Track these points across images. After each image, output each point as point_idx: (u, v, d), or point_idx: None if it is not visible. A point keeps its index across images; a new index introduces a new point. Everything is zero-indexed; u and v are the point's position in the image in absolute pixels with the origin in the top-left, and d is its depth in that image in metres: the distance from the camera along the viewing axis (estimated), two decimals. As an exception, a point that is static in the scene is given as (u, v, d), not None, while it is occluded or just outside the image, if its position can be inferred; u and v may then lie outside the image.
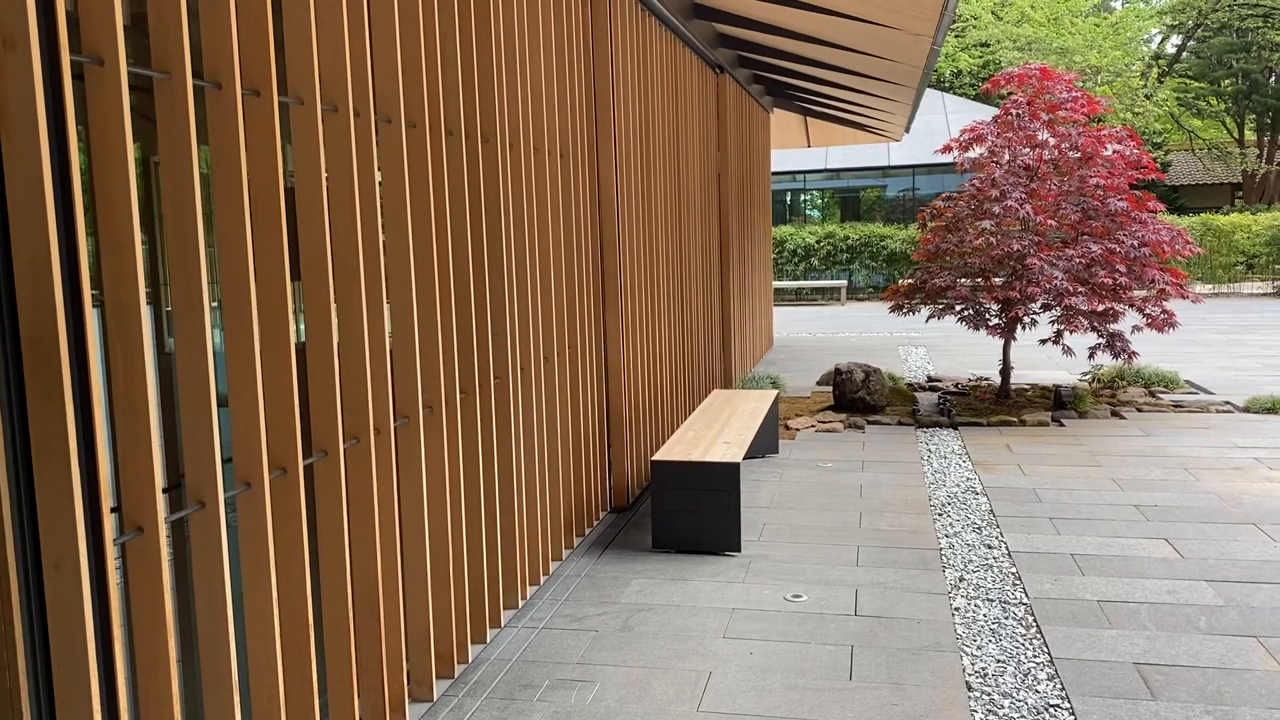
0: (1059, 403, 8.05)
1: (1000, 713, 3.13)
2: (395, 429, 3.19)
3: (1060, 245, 7.77)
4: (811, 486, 5.91)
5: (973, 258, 8.02)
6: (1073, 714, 3.10)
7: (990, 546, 4.74)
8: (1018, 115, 8.20)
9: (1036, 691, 3.26)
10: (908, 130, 12.96)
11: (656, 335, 6.20)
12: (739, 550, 4.71)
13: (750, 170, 10.39)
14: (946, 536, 4.90)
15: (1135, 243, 7.52)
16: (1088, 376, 9.44)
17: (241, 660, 2.48)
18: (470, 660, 3.61)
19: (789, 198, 25.06)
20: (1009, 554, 4.62)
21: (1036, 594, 4.11)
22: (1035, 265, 7.47)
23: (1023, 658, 3.52)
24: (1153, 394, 8.63)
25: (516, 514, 4.05)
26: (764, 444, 6.69)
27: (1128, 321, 8.01)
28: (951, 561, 4.54)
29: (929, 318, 8.29)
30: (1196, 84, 29.21)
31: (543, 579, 4.39)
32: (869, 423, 7.79)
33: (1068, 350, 7.94)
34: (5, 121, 1.77)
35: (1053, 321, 7.88)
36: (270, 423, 2.52)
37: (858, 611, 3.96)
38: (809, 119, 13.66)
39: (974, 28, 27.98)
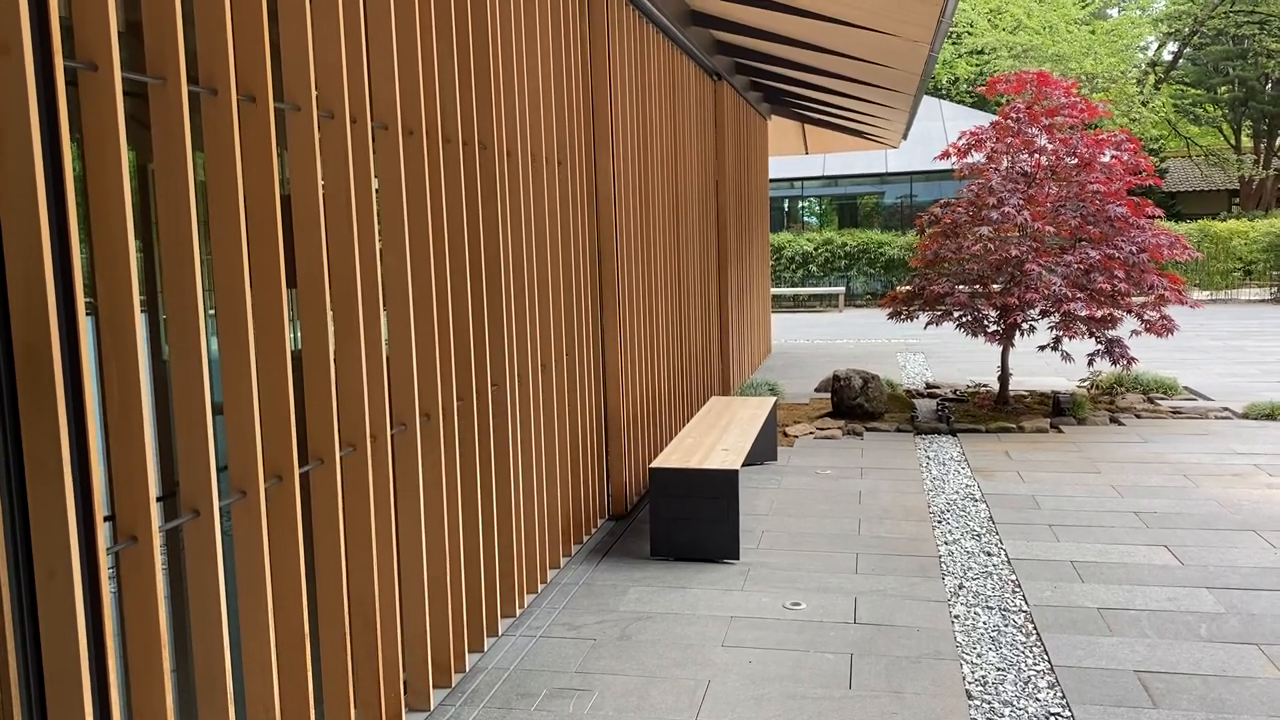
0: (1058, 409, 8.04)
1: (1001, 721, 3.11)
2: (392, 436, 3.17)
3: (1058, 251, 7.77)
4: (810, 493, 5.90)
5: (971, 264, 8.01)
6: (1074, 722, 3.09)
7: (990, 554, 4.73)
8: (1016, 120, 8.21)
9: (1037, 700, 3.24)
10: (905, 137, 12.98)
11: (654, 342, 6.19)
12: (737, 558, 4.69)
13: (748, 177, 10.39)
14: (946, 544, 4.89)
15: (1134, 248, 7.52)
16: (1086, 383, 9.43)
17: (236, 670, 2.46)
18: (467, 669, 3.58)
19: (787, 204, 25.07)
20: (1008, 561, 4.61)
21: (1036, 601, 4.10)
22: (1034, 271, 7.47)
23: (1023, 666, 3.50)
24: (1151, 400, 8.62)
25: (514, 522, 4.03)
26: (762, 451, 6.67)
27: (1126, 327, 8.00)
28: (951, 569, 4.52)
29: (927, 324, 8.29)
30: (1193, 91, 29.26)
31: (540, 587, 4.37)
32: (867, 429, 7.78)
33: (1066, 356, 7.93)
34: (-2, 127, 1.75)
35: (1051, 328, 7.87)
36: (266, 430, 2.50)
37: (857, 619, 3.95)
38: (807, 126, 13.68)
39: (970, 34, 28.04)
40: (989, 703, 3.23)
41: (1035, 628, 3.83)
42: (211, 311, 2.79)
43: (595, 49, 5.11)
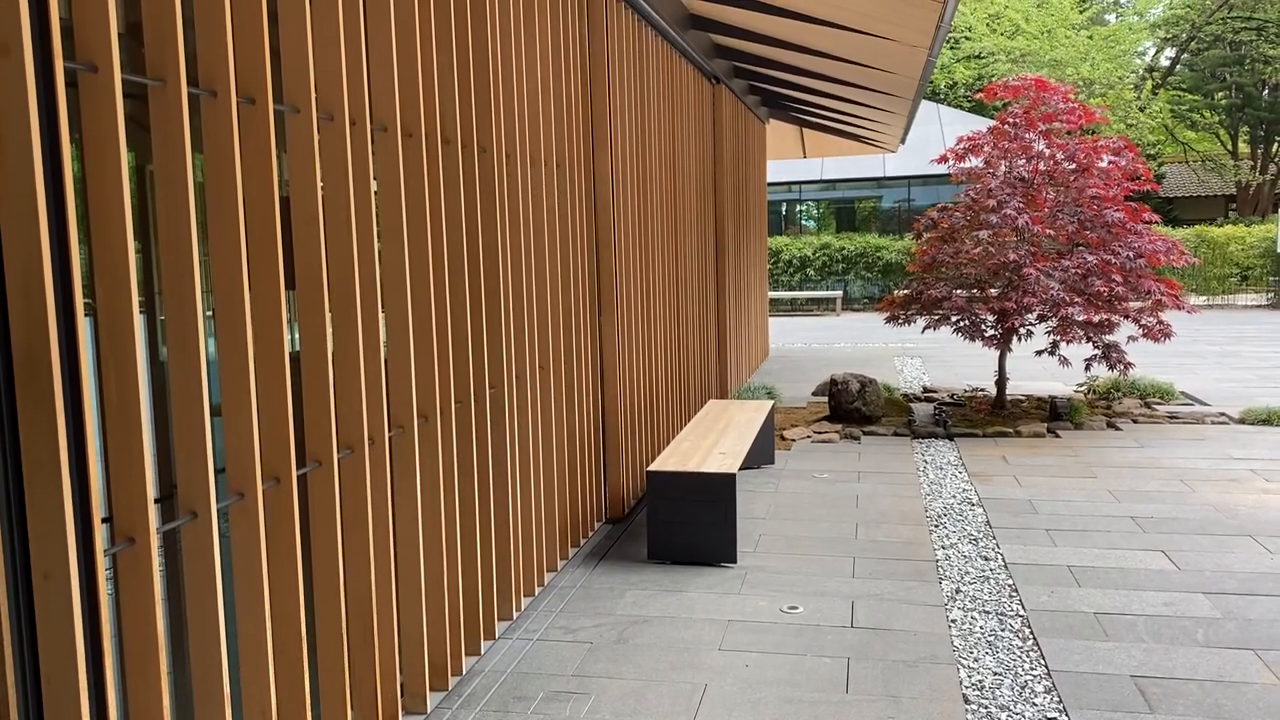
0: (1055, 414, 8.05)
1: (997, 726, 3.11)
2: (390, 439, 3.17)
3: (1056, 256, 7.78)
4: (807, 497, 5.90)
5: (969, 268, 8.02)
6: (1070, 727, 3.09)
7: (987, 558, 4.73)
8: (1014, 125, 8.22)
9: (1034, 704, 3.24)
10: (903, 141, 12.99)
11: (652, 345, 6.19)
12: (735, 561, 4.69)
13: (746, 181, 10.40)
14: (943, 548, 4.89)
15: (1131, 253, 7.53)
16: (1083, 388, 9.44)
17: (234, 672, 2.45)
18: (464, 672, 3.58)
19: (785, 208, 25.10)
20: (1005, 565, 4.61)
21: (1033, 606, 4.10)
22: (1031, 275, 7.47)
23: (1020, 670, 3.51)
24: (1148, 405, 8.63)
25: (511, 524, 4.03)
26: (760, 455, 6.67)
27: (1123, 332, 8.00)
28: (948, 573, 4.53)
29: (925, 328, 8.30)
30: (1190, 96, 29.31)
31: (537, 590, 4.37)
32: (865, 433, 7.78)
33: (1064, 361, 7.93)
34: (-2, 128, 1.75)
35: (1049, 332, 7.88)
36: (264, 433, 2.50)
37: (854, 623, 3.95)
38: (805, 130, 13.69)
39: (969, 39, 28.10)
40: (986, 707, 3.23)
41: (1032, 632, 3.83)
42: (210, 313, 2.79)
43: (594, 52, 5.11)
